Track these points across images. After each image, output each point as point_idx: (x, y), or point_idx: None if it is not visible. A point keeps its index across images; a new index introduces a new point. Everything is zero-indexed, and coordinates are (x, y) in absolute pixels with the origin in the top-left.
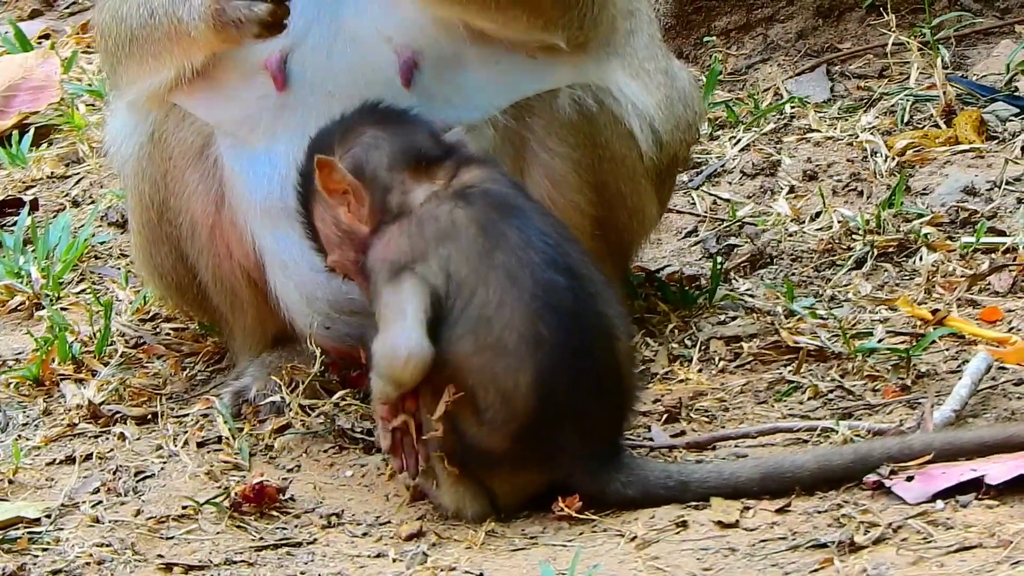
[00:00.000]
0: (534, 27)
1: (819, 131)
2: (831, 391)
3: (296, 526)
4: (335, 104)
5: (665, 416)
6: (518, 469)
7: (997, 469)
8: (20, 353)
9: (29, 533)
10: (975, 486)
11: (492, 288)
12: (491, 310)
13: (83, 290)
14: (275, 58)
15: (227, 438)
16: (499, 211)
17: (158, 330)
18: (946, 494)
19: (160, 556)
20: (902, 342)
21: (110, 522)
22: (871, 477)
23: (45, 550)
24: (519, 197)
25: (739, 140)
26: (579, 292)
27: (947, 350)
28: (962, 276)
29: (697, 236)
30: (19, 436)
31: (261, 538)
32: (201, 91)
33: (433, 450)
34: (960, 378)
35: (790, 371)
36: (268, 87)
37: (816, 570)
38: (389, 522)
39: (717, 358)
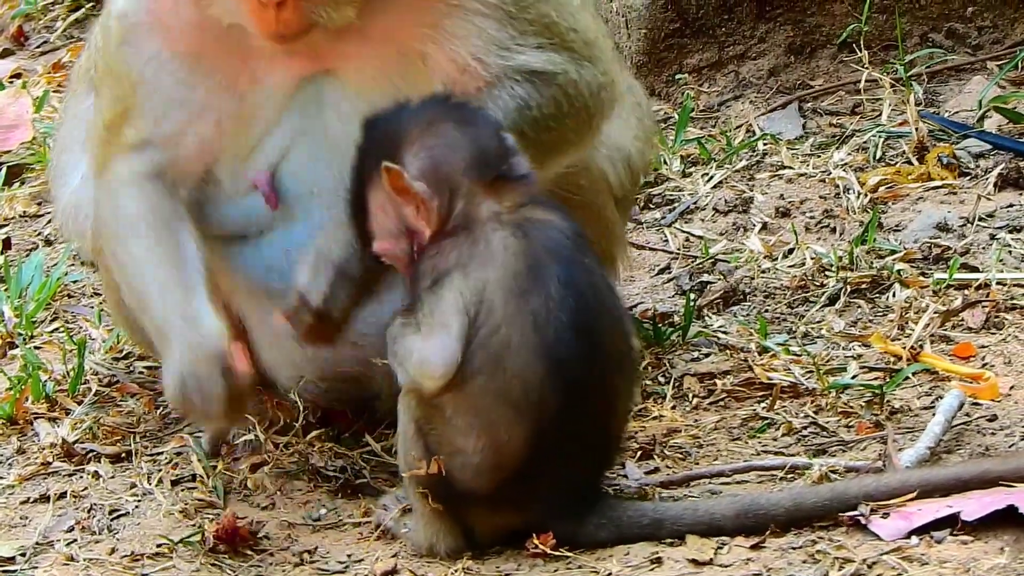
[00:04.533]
0: (567, 155)
1: (791, 168)
2: (805, 427)
3: (271, 564)
4: (321, 201)
5: (639, 453)
6: (496, 509)
7: (973, 505)
8: None
9: (4, 572)
10: (951, 522)
11: (516, 331)
12: (508, 352)
13: (56, 329)
14: (264, 176)
15: (201, 476)
16: (551, 255)
17: (132, 368)
18: (922, 531)
19: None
20: (875, 378)
21: (85, 560)
22: (847, 514)
23: None
24: (574, 248)
25: (711, 177)
26: (592, 361)
27: (920, 386)
28: (935, 312)
29: (670, 273)
30: None
31: None
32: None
33: (416, 486)
34: (934, 415)
35: (764, 407)
36: (258, 203)
37: None
38: (363, 560)
39: (691, 395)
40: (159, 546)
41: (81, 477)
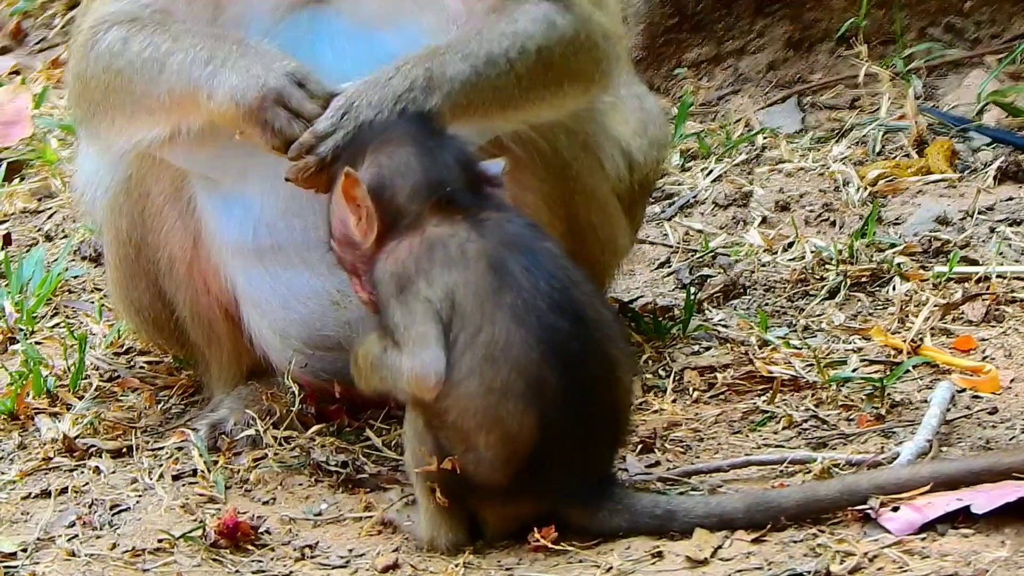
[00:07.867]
0: (579, 93)
1: (791, 162)
2: (805, 421)
3: (272, 559)
4: None
5: (640, 446)
6: (511, 501)
7: (983, 498)
8: None
9: (5, 567)
10: (960, 516)
11: (498, 328)
12: (497, 351)
13: (57, 324)
14: None
15: (202, 471)
16: (510, 249)
17: (132, 363)
18: (933, 524)
19: None
20: (876, 371)
21: (86, 556)
22: (857, 507)
23: None
24: (532, 237)
25: (711, 171)
26: (584, 336)
27: (921, 379)
28: (935, 305)
29: (670, 267)
30: None
31: (237, 571)
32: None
33: (424, 481)
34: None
35: (764, 401)
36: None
37: None
38: (364, 554)
39: (691, 388)
40: (160, 541)
41: (82, 472)
